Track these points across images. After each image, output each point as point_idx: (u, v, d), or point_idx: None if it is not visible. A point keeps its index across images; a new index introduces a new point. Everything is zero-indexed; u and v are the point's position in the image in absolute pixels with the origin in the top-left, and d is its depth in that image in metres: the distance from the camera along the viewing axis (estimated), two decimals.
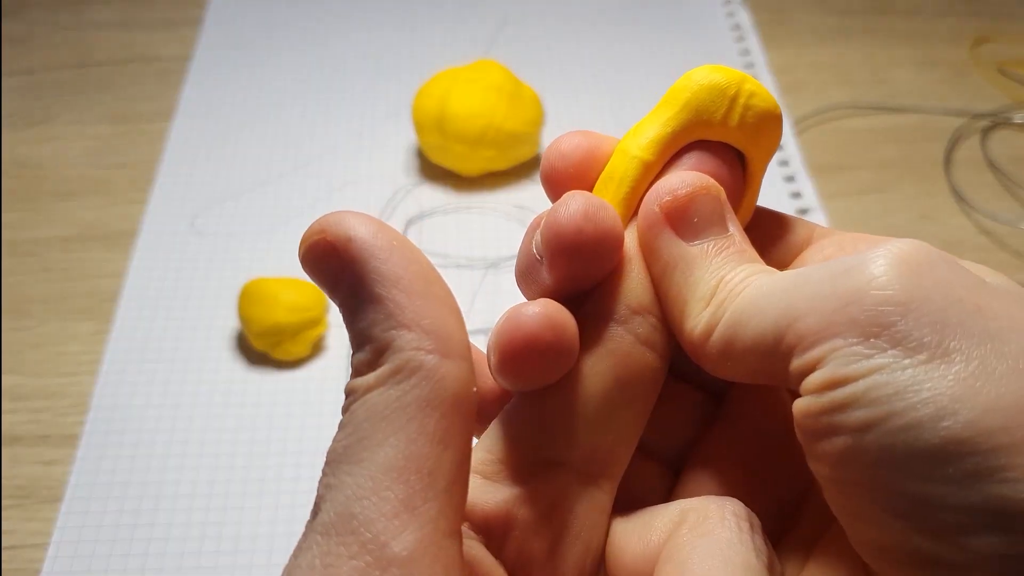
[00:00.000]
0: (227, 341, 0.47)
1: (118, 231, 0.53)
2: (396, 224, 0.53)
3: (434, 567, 0.16)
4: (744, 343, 0.19)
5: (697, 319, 0.20)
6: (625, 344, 0.20)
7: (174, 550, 0.39)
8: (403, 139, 0.57)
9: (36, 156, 0.58)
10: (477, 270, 0.50)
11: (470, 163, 0.53)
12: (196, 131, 0.59)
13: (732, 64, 0.64)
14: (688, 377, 0.23)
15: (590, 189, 0.22)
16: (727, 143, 0.21)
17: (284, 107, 0.61)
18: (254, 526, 0.40)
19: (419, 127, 0.54)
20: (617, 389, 0.20)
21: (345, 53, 0.65)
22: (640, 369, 0.20)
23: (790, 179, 0.55)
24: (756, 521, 0.19)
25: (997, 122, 0.60)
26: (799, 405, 0.18)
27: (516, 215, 0.53)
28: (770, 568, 0.18)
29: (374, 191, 0.55)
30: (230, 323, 0.47)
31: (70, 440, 0.43)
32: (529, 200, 0.54)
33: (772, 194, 0.54)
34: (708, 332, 0.20)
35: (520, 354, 0.19)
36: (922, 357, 0.17)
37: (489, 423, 0.21)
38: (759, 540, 0.19)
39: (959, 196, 0.55)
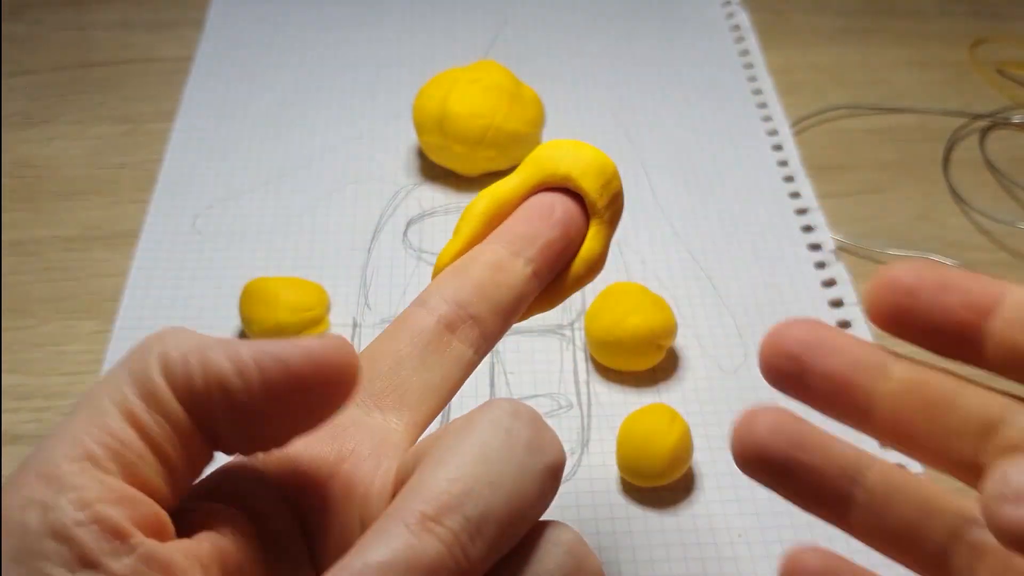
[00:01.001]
0: None
1: (120, 231, 0.53)
2: (396, 224, 0.53)
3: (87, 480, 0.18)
4: None
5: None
6: (423, 322, 0.24)
7: None
8: (404, 139, 0.58)
9: (37, 156, 0.58)
10: None
11: (470, 163, 0.54)
12: (197, 131, 0.59)
13: (731, 65, 0.64)
14: None
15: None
16: (568, 188, 0.28)
17: (285, 107, 0.61)
18: None
19: (420, 127, 0.54)
20: (409, 351, 0.24)
21: (346, 54, 0.65)
22: (432, 344, 0.24)
23: (789, 179, 0.56)
24: (522, 410, 0.19)
25: (996, 123, 0.60)
26: None
27: None
28: (531, 448, 0.18)
29: (375, 191, 0.55)
30: (232, 323, 0.47)
31: None
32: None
33: (772, 194, 0.55)
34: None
35: None
36: None
37: None
38: (519, 425, 0.19)
39: (958, 196, 0.55)
